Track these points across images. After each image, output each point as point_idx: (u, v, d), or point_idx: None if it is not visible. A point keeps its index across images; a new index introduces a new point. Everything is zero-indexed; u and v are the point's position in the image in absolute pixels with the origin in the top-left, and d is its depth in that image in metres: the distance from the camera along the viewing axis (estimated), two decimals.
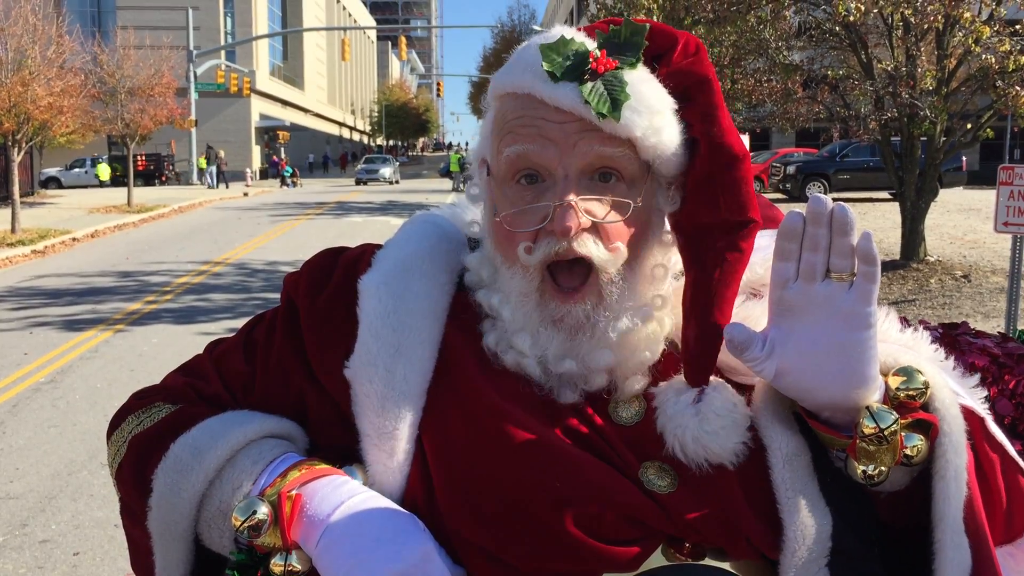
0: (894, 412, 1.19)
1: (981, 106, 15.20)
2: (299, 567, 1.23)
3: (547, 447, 1.24)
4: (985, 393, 1.34)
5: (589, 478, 1.23)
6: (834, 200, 1.17)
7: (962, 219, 22.23)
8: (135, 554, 1.42)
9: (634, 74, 1.25)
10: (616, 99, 1.22)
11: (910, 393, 1.21)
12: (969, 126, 14.87)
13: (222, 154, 47.82)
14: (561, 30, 1.30)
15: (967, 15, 12.78)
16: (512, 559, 1.23)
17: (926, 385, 1.22)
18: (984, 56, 13.19)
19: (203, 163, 48.26)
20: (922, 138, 14.73)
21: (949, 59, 14.15)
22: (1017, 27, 13.38)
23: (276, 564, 1.24)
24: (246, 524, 1.22)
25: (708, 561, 1.26)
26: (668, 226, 1.33)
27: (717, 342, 1.25)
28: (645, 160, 1.27)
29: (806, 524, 1.20)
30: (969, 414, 1.26)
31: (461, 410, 1.29)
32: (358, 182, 52.15)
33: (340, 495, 1.25)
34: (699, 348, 1.25)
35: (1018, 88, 12.72)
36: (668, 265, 1.33)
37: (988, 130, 14.72)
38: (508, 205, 1.28)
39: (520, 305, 1.29)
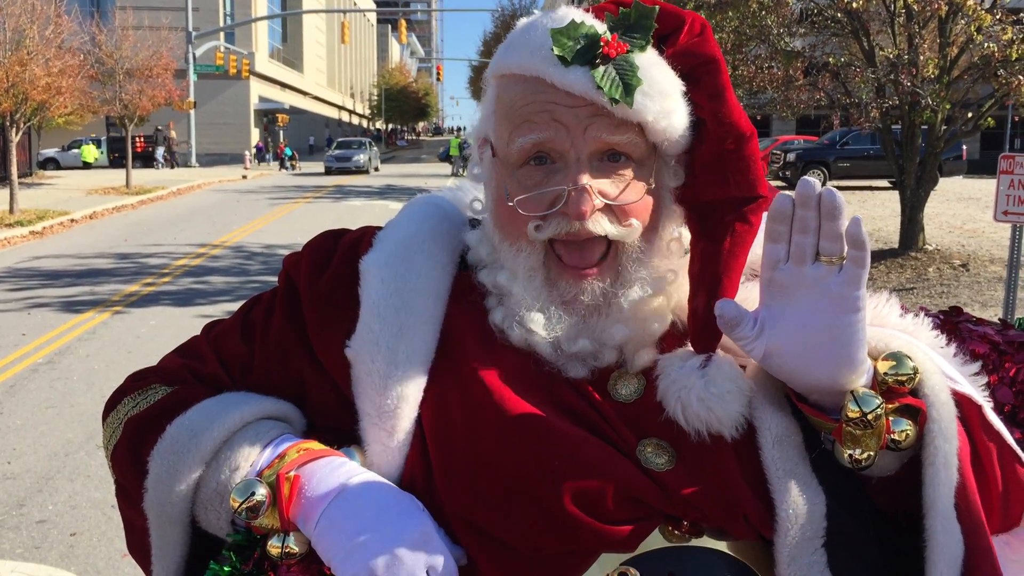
0: (879, 397, 1.19)
1: (982, 95, 15.17)
2: (296, 548, 1.23)
3: (545, 426, 1.24)
4: (985, 381, 1.34)
5: (587, 457, 1.23)
6: (834, 188, 1.17)
7: (961, 208, 22.24)
8: (131, 536, 1.41)
9: (644, 57, 1.25)
10: (628, 84, 1.22)
11: (899, 378, 1.21)
12: (970, 115, 14.85)
13: (173, 135, 47.42)
14: (569, 12, 1.29)
15: (970, 3, 12.73)
16: (510, 539, 1.23)
17: (915, 371, 1.22)
18: (986, 44, 13.15)
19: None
20: (923, 126, 14.70)
21: (951, 47, 14.11)
22: (1020, 15, 13.33)
23: (273, 545, 1.23)
24: (244, 505, 1.21)
25: (706, 539, 1.26)
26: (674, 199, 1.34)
27: None
28: (652, 142, 1.27)
29: (798, 504, 1.21)
30: (967, 402, 1.26)
31: (461, 390, 1.29)
32: (327, 171, 44.55)
33: (339, 476, 1.25)
34: (708, 316, 1.24)
35: (1020, 77, 12.70)
36: (680, 239, 1.34)
37: (989, 119, 14.70)
38: (519, 188, 1.28)
39: (529, 281, 1.29)
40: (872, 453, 1.19)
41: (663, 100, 1.24)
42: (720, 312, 1.21)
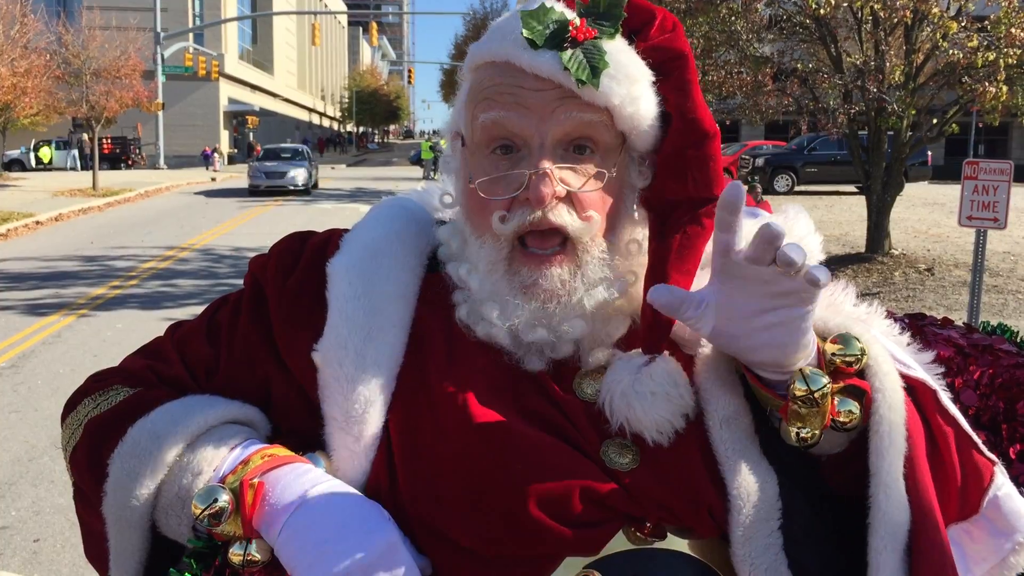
0: (825, 376, 1.20)
1: (947, 101, 15.35)
2: (259, 556, 1.21)
3: (509, 430, 1.24)
4: (943, 369, 1.35)
5: (551, 461, 1.22)
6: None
7: (927, 213, 22.50)
8: (88, 540, 1.39)
9: (612, 44, 1.27)
10: (595, 66, 1.23)
11: (846, 359, 1.23)
12: (935, 121, 15.03)
13: (86, 138, 47.07)
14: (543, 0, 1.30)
15: (935, 10, 12.88)
16: (474, 544, 1.22)
17: (862, 351, 1.24)
18: (951, 52, 13.31)
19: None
20: (889, 132, 14.86)
21: (917, 54, 14.27)
22: (985, 23, 13.51)
23: (235, 553, 1.21)
24: (206, 512, 1.19)
25: (670, 539, 1.25)
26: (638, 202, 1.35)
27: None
28: (620, 131, 1.28)
29: (748, 483, 1.22)
30: (921, 386, 1.27)
31: (427, 394, 1.29)
32: (253, 191, 31.26)
33: (303, 484, 1.23)
34: (654, 318, 1.25)
35: (985, 84, 12.86)
36: (641, 241, 1.34)
37: (953, 125, 14.88)
38: (483, 174, 1.28)
39: (489, 274, 1.29)
40: (817, 432, 1.21)
41: (630, 85, 1.26)
42: (653, 299, 1.20)
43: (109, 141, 47.94)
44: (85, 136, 46.09)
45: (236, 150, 61.23)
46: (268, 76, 72.46)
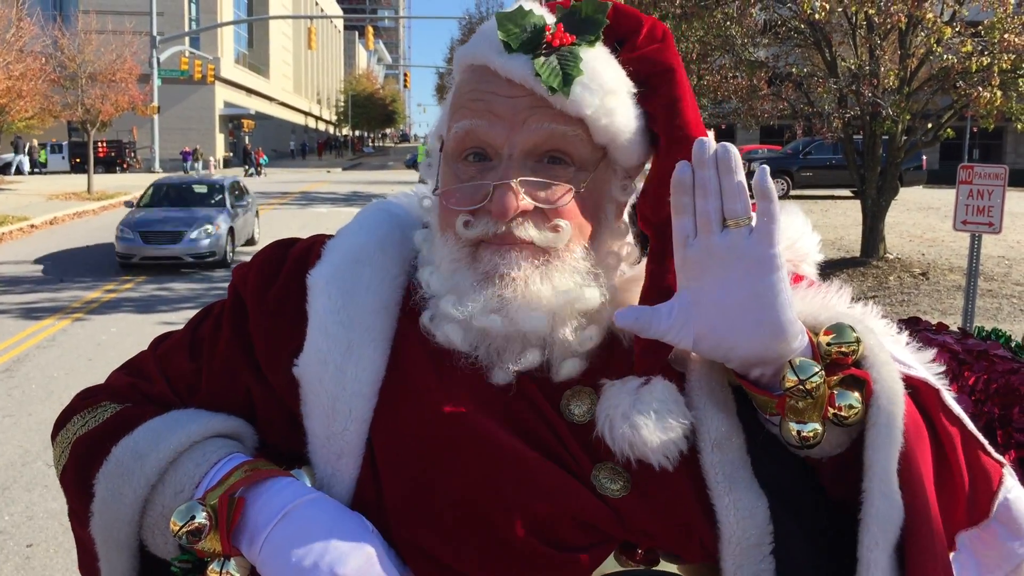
0: (817, 365, 1.13)
1: (942, 106, 15.40)
2: (237, 574, 1.18)
3: (498, 449, 1.20)
4: (942, 368, 1.29)
5: (541, 481, 1.19)
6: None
7: (921, 217, 22.53)
8: (82, 557, 1.37)
9: (591, 52, 1.22)
10: (568, 73, 1.18)
11: (842, 349, 1.16)
12: (930, 125, 15.07)
13: (35, 142, 46.99)
14: (523, 2, 1.26)
15: (930, 15, 12.92)
16: (462, 567, 1.20)
17: (858, 340, 1.17)
18: (946, 56, 13.36)
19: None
20: (884, 137, 14.90)
21: (911, 59, 14.32)
22: (979, 28, 13.55)
23: (213, 570, 1.18)
24: (184, 529, 1.16)
25: (662, 565, 1.23)
26: (626, 216, 1.31)
27: None
28: (600, 144, 1.24)
29: (739, 507, 1.17)
30: (923, 386, 1.21)
31: (413, 410, 1.25)
32: (123, 262, 15.80)
33: (284, 499, 1.20)
34: (650, 341, 1.20)
35: (979, 89, 12.89)
36: (621, 254, 1.30)
37: (948, 130, 14.93)
38: (452, 181, 1.25)
39: (452, 273, 1.25)
40: (818, 426, 1.14)
41: (604, 96, 1.20)
42: (620, 324, 1.17)
43: (104, 144, 47.82)
44: (35, 141, 46.23)
45: (231, 154, 61.11)
46: (264, 80, 72.41)
